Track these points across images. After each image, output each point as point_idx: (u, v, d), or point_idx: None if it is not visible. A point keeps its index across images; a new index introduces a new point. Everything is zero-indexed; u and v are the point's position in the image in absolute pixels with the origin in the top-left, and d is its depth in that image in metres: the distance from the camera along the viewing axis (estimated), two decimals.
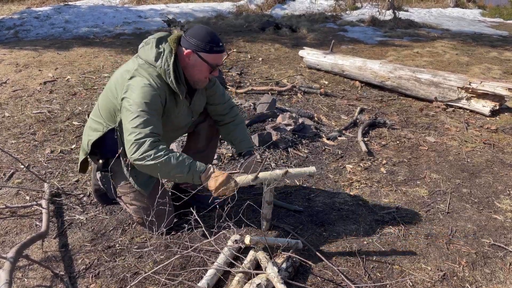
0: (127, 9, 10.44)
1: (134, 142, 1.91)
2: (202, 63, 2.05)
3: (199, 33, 2.03)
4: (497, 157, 3.53)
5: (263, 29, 8.89)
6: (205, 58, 2.04)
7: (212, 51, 2.04)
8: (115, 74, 2.16)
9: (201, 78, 2.12)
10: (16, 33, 7.87)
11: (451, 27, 10.72)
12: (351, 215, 2.62)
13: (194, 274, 2.04)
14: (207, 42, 2.02)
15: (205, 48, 2.02)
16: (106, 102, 2.13)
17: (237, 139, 2.41)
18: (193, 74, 2.10)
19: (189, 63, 2.07)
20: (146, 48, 2.07)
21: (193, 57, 2.05)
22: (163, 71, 2.01)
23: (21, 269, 2.05)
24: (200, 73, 2.09)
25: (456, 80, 4.55)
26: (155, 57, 2.03)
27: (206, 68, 2.07)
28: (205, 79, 2.14)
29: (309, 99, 4.78)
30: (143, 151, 1.91)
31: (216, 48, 2.04)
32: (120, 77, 2.08)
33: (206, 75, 2.11)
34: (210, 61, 2.05)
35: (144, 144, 1.91)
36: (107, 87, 2.16)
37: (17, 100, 4.24)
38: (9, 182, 2.83)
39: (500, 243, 2.39)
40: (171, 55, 2.03)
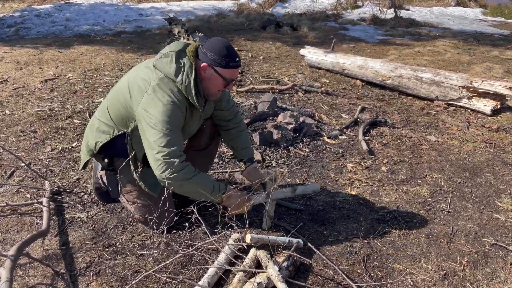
0: (128, 7, 10.43)
1: (163, 161, 1.94)
2: (218, 77, 2.04)
3: (216, 47, 2.01)
4: (498, 156, 3.53)
5: (264, 27, 8.88)
6: (221, 73, 2.03)
7: (228, 66, 2.02)
8: (129, 80, 2.10)
9: (215, 91, 2.12)
10: (17, 31, 7.87)
11: (452, 26, 10.70)
12: (352, 214, 2.62)
13: (195, 273, 2.04)
14: (223, 57, 2.00)
15: (221, 63, 2.00)
16: (118, 107, 2.10)
17: (240, 146, 2.43)
18: (208, 87, 2.09)
19: (205, 76, 2.06)
20: (165, 61, 2.02)
21: (209, 71, 2.03)
22: (184, 87, 2.00)
23: (22, 267, 2.05)
24: (214, 86, 2.08)
25: (457, 79, 4.54)
26: (175, 72, 1.99)
27: (221, 83, 2.07)
28: (218, 92, 2.13)
29: (310, 97, 4.78)
30: (173, 172, 1.94)
31: (233, 63, 2.03)
32: (136, 86, 2.03)
33: (220, 89, 2.11)
34: (226, 76, 2.04)
35: (173, 165, 1.94)
36: (119, 91, 2.12)
37: (18, 98, 4.24)
38: (10, 180, 2.83)
39: (501, 242, 2.39)
40: (191, 70, 2.01)
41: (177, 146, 1.97)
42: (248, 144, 2.46)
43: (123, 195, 2.28)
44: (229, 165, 3.15)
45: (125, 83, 2.10)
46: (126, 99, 2.06)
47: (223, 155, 3.23)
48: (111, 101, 2.16)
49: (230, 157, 3.22)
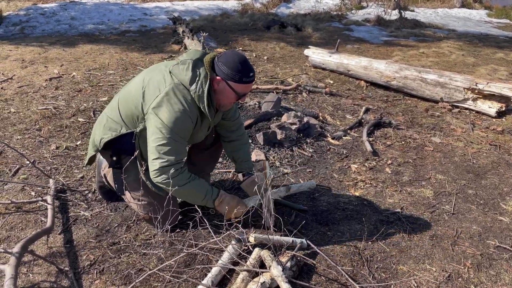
0: (133, 7, 10.45)
1: (159, 168, 2.00)
2: (230, 91, 2.06)
3: (230, 61, 2.02)
4: (503, 158, 3.51)
5: (268, 27, 8.88)
6: (234, 87, 2.04)
7: (241, 82, 2.03)
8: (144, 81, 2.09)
9: (227, 104, 2.15)
10: (22, 30, 7.90)
11: (457, 27, 10.67)
12: (356, 215, 2.61)
13: (198, 272, 2.04)
14: (237, 72, 2.01)
15: (235, 78, 2.01)
16: (130, 107, 2.10)
17: (240, 159, 2.46)
18: (220, 99, 2.12)
19: (218, 89, 2.08)
20: (182, 68, 2.03)
21: (222, 84, 2.05)
22: (197, 96, 2.01)
23: (26, 264, 2.06)
24: (227, 99, 2.11)
25: (462, 80, 4.53)
26: (190, 81, 2.01)
27: (234, 96, 2.09)
28: (230, 104, 2.16)
29: (314, 98, 4.77)
30: (167, 179, 2.00)
31: (246, 79, 2.04)
32: (150, 88, 2.04)
33: (232, 102, 2.13)
34: (238, 91, 2.06)
35: (168, 172, 1.99)
36: (132, 90, 2.12)
37: (23, 96, 4.26)
38: (15, 178, 2.84)
39: (506, 245, 2.38)
40: (206, 80, 2.02)
41: (177, 155, 2.01)
42: (249, 157, 2.50)
43: (129, 192, 2.28)
44: (232, 165, 3.15)
45: (139, 84, 2.10)
46: (138, 100, 2.06)
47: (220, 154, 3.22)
48: (122, 99, 2.16)
49: None
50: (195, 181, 2.09)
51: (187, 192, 2.09)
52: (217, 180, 2.92)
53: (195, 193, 2.10)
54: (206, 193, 2.12)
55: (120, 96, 2.20)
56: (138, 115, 2.08)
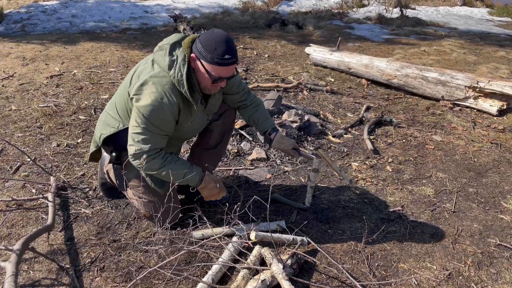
0: (134, 4, 10.44)
1: (132, 154, 2.00)
2: (204, 71, 1.93)
3: (207, 38, 1.88)
4: (504, 157, 3.51)
5: (270, 25, 8.86)
6: (206, 67, 1.91)
7: (213, 62, 1.87)
8: (131, 74, 2.08)
9: (207, 86, 1.99)
10: (23, 27, 7.89)
11: (458, 25, 10.64)
12: (357, 213, 2.61)
13: (199, 269, 2.04)
14: (209, 52, 1.86)
15: (206, 57, 1.88)
16: (124, 101, 2.10)
17: (261, 119, 2.40)
18: (200, 81, 1.99)
19: (195, 68, 1.97)
20: (160, 54, 1.96)
21: (197, 63, 1.93)
22: (177, 81, 1.92)
23: (27, 262, 2.06)
24: (204, 80, 1.97)
25: (464, 79, 4.52)
26: (169, 66, 1.92)
27: (207, 78, 1.94)
28: (212, 86, 2.00)
29: (315, 96, 4.77)
30: (139, 164, 2.00)
31: (219, 60, 1.87)
32: (136, 77, 2.01)
33: (210, 84, 1.97)
34: (211, 72, 1.91)
35: (141, 158, 1.98)
36: (125, 85, 2.11)
37: (24, 94, 4.26)
38: (16, 175, 2.84)
39: (506, 243, 2.38)
40: (184, 63, 1.92)
41: (151, 145, 1.97)
42: (268, 115, 2.43)
43: (130, 189, 2.29)
44: (233, 162, 3.15)
45: (128, 78, 2.09)
46: (128, 92, 2.05)
47: (228, 152, 3.23)
48: (118, 95, 2.17)
49: (235, 154, 3.22)
50: (171, 165, 2.02)
51: (164, 175, 2.04)
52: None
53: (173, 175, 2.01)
54: (185, 175, 2.05)
55: (117, 92, 2.21)
56: (130, 108, 2.06)
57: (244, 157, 3.22)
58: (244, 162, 3.16)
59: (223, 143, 2.54)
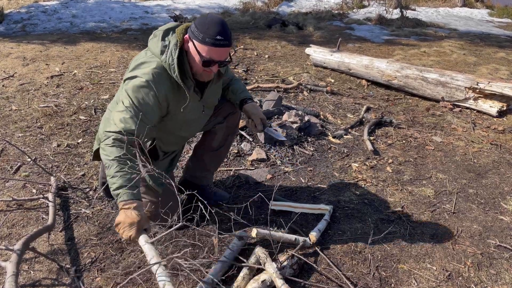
0: (134, 5, 10.44)
1: (104, 132, 1.85)
2: (195, 53, 1.88)
3: (202, 20, 1.87)
4: (504, 158, 3.51)
5: (270, 26, 8.87)
6: (198, 47, 1.86)
7: (204, 42, 1.83)
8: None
9: (198, 70, 1.94)
10: (24, 27, 7.90)
11: (458, 26, 10.65)
12: (357, 213, 2.61)
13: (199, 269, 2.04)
14: (202, 31, 1.83)
15: (198, 36, 1.84)
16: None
17: (239, 90, 2.37)
18: (191, 64, 1.95)
19: (188, 50, 1.93)
20: (154, 41, 1.97)
21: (189, 43, 1.90)
22: (168, 65, 1.90)
23: (28, 262, 2.07)
24: (195, 64, 1.93)
25: (464, 80, 4.52)
26: (161, 51, 1.91)
27: (198, 59, 1.89)
28: (204, 72, 1.95)
29: (315, 97, 4.77)
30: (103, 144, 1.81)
31: (210, 39, 1.82)
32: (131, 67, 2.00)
33: (200, 67, 1.92)
34: (201, 52, 1.86)
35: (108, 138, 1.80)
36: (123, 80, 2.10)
37: (24, 94, 4.26)
38: (16, 175, 2.84)
39: (506, 244, 2.39)
40: (176, 47, 1.90)
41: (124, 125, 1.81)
42: (244, 88, 2.41)
43: None
44: (233, 163, 3.15)
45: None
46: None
47: (228, 153, 3.23)
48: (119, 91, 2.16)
49: (235, 155, 3.23)
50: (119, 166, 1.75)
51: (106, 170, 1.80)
52: (217, 179, 2.92)
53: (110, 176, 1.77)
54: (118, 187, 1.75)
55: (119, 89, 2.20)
56: None
57: (244, 157, 3.23)
58: (244, 162, 3.16)
59: (225, 146, 2.53)
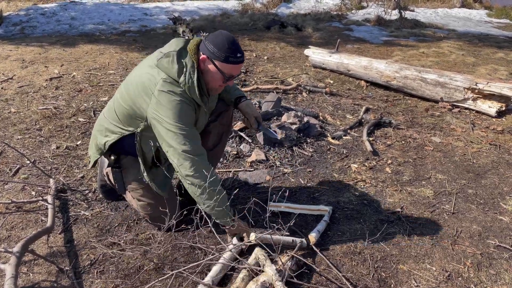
0: (133, 7, 10.45)
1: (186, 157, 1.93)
2: (217, 72, 1.98)
3: (217, 40, 1.94)
4: (503, 158, 3.52)
5: (269, 27, 8.88)
6: (220, 67, 1.96)
7: (227, 61, 1.94)
8: (134, 80, 2.05)
9: (215, 86, 2.06)
10: (22, 30, 7.90)
11: (457, 27, 10.66)
12: (356, 214, 2.61)
13: (199, 270, 2.04)
14: (223, 51, 1.93)
15: (220, 57, 1.93)
16: (126, 108, 2.06)
17: (232, 89, 2.41)
18: (208, 82, 2.04)
19: (204, 70, 2.00)
20: (166, 61, 1.96)
21: (208, 63, 1.98)
22: (188, 88, 1.95)
23: (27, 264, 2.06)
24: (214, 81, 2.02)
25: (462, 80, 4.53)
26: (178, 73, 1.94)
27: (220, 77, 2.00)
28: (219, 87, 2.08)
29: (314, 98, 4.77)
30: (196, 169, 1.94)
31: (232, 58, 1.95)
32: (141, 86, 1.98)
33: (220, 84, 2.04)
34: (224, 71, 1.97)
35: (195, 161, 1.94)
36: (126, 91, 2.07)
37: (23, 96, 4.26)
38: (15, 178, 2.84)
39: (506, 244, 2.39)
40: (193, 70, 1.96)
41: (189, 141, 1.94)
42: (237, 87, 2.46)
43: (129, 192, 2.29)
44: (233, 164, 3.15)
45: (130, 84, 2.06)
46: (132, 100, 2.02)
47: (227, 154, 3.23)
48: (117, 101, 2.12)
49: (234, 156, 3.23)
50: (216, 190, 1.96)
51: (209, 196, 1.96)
52: None
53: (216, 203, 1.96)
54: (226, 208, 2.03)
55: (115, 98, 2.18)
56: (136, 115, 2.04)
57: (244, 159, 3.23)
58: (244, 164, 3.16)
59: (221, 144, 2.53)
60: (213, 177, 1.94)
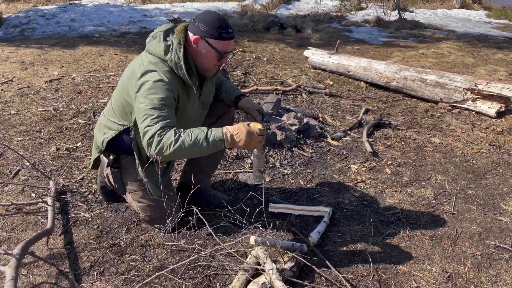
0: (133, 8, 10.46)
1: (147, 141, 1.87)
2: (211, 50, 1.98)
3: (207, 18, 1.96)
4: (502, 158, 3.52)
5: (268, 29, 8.89)
6: (214, 44, 1.97)
7: (221, 38, 1.96)
8: (126, 71, 2.10)
9: (210, 66, 2.06)
10: (22, 32, 7.90)
11: (456, 28, 10.67)
12: (356, 215, 2.61)
13: (199, 273, 2.04)
14: (215, 28, 1.94)
15: (214, 34, 1.94)
16: (120, 100, 2.10)
17: (231, 89, 2.42)
18: (202, 62, 2.04)
19: (198, 50, 2.00)
20: (154, 42, 2.01)
21: (201, 43, 1.98)
22: (174, 64, 1.96)
23: (27, 266, 2.06)
24: (209, 60, 2.03)
25: (462, 81, 4.53)
26: (164, 51, 1.96)
27: (215, 55, 2.00)
28: (214, 67, 2.07)
29: (314, 99, 4.78)
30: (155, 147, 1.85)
31: (225, 34, 1.96)
32: (131, 74, 2.01)
33: (215, 63, 2.04)
34: (219, 48, 1.98)
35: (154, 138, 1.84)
36: (119, 84, 2.12)
37: (23, 98, 4.26)
38: (15, 179, 2.84)
39: (506, 245, 2.39)
40: (180, 46, 1.97)
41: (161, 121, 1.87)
42: (237, 87, 2.47)
43: (129, 194, 2.29)
44: (232, 165, 3.15)
45: (124, 76, 2.10)
46: (124, 88, 2.05)
47: (227, 155, 3.23)
48: (114, 96, 2.17)
49: (234, 157, 3.23)
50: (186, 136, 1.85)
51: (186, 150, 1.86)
52: (217, 181, 2.92)
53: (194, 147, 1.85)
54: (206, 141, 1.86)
55: (113, 94, 2.21)
56: (128, 105, 2.05)
57: (244, 160, 3.23)
58: (244, 165, 3.16)
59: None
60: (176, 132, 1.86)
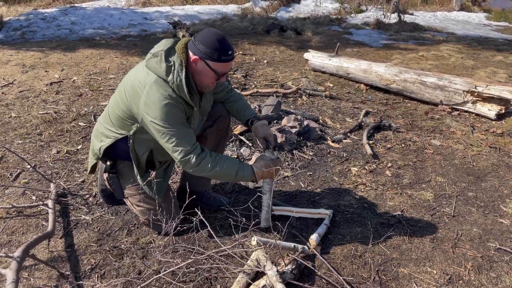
0: (133, 11, 10.48)
1: (180, 161, 2.01)
2: (209, 71, 1.99)
3: (207, 39, 1.95)
4: (502, 161, 3.52)
5: (268, 31, 8.90)
6: (212, 66, 1.98)
7: (220, 60, 1.96)
8: (125, 82, 2.08)
9: (208, 84, 2.07)
10: (23, 34, 7.92)
11: (456, 30, 10.68)
12: (356, 218, 2.61)
13: (199, 275, 2.04)
14: (215, 50, 1.94)
15: (213, 56, 1.95)
16: (118, 111, 2.09)
17: (243, 108, 2.46)
18: (201, 80, 2.05)
19: (196, 69, 2.01)
20: (155, 61, 1.98)
21: (200, 64, 1.98)
22: (176, 86, 1.96)
23: (28, 269, 2.06)
24: (207, 80, 2.04)
25: (462, 83, 4.54)
26: (166, 72, 1.95)
27: (213, 76, 2.02)
28: (212, 84, 2.09)
29: (314, 101, 4.78)
30: (192, 167, 2.02)
31: (224, 57, 1.97)
32: (131, 88, 2.01)
33: (213, 81, 2.06)
34: (217, 70, 1.99)
35: (190, 162, 2.00)
36: (118, 95, 2.10)
37: (24, 101, 4.27)
38: (16, 182, 2.84)
39: (506, 247, 2.39)
40: (181, 68, 1.97)
41: (187, 141, 2.00)
42: (249, 106, 2.50)
43: (127, 198, 2.29)
44: None
45: (122, 87, 2.09)
46: (124, 102, 2.05)
47: None
48: (111, 105, 2.16)
49: None
50: (221, 163, 2.06)
51: (217, 175, 2.11)
52: (217, 183, 2.93)
53: (225, 175, 2.11)
54: (237, 173, 2.10)
55: (109, 103, 2.20)
56: (128, 118, 2.06)
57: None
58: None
59: (219, 150, 2.54)
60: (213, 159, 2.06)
